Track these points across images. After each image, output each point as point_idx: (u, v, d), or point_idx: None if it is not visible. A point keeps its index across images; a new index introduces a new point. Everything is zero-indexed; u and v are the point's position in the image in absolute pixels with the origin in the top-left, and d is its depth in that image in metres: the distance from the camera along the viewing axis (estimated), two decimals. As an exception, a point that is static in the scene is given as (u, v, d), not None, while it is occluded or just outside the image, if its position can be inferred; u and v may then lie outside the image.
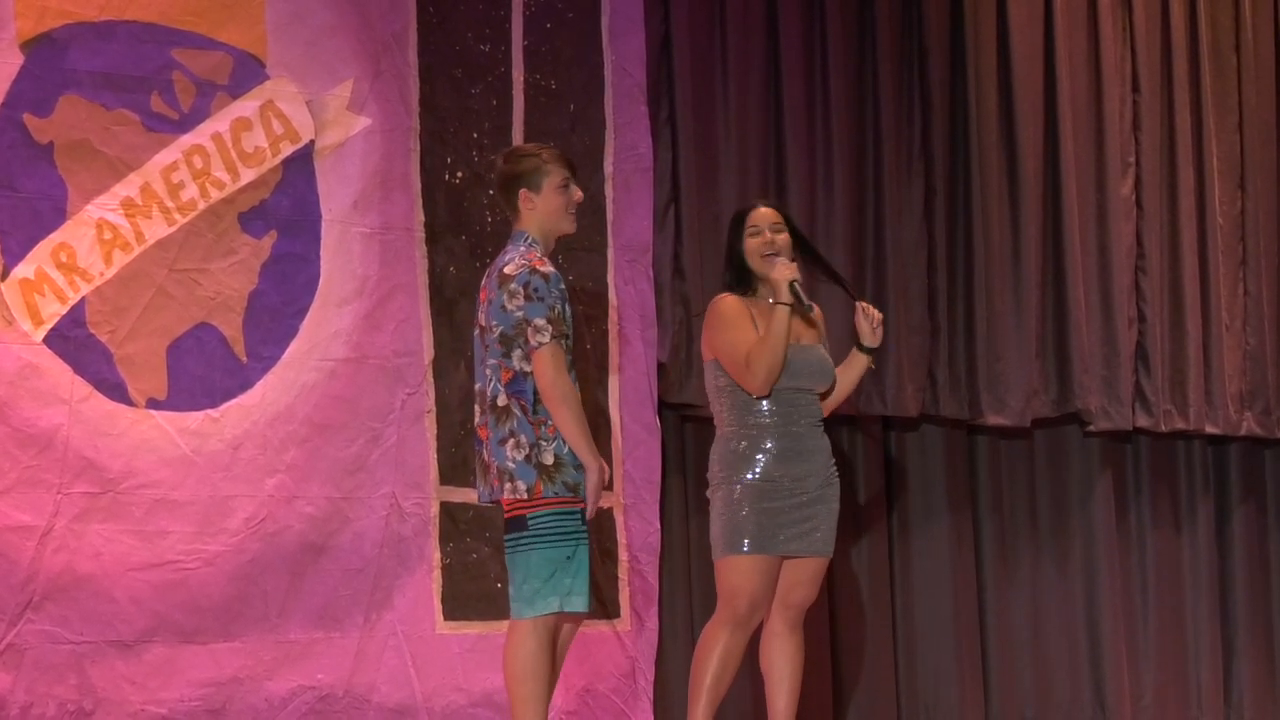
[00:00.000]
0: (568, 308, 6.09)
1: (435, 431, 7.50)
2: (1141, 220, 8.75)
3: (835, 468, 6.56)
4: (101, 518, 6.93)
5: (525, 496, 5.99)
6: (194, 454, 7.10)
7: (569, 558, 5.99)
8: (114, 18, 7.15)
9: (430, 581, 7.44)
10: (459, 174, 7.64)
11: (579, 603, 6.01)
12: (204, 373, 7.16)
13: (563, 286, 6.07)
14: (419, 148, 7.59)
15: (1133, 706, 8.69)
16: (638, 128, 7.94)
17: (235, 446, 7.16)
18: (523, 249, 6.15)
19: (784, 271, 6.40)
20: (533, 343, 5.98)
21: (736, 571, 6.40)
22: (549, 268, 6.07)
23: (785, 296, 6.36)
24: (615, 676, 7.68)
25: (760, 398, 6.41)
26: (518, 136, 7.75)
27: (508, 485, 6.03)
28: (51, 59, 7.05)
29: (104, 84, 7.12)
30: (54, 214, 7.00)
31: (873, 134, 8.34)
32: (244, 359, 7.23)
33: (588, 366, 7.76)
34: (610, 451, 7.75)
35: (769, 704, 6.56)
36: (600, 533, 7.63)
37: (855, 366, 6.70)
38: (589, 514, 6.05)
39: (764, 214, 6.60)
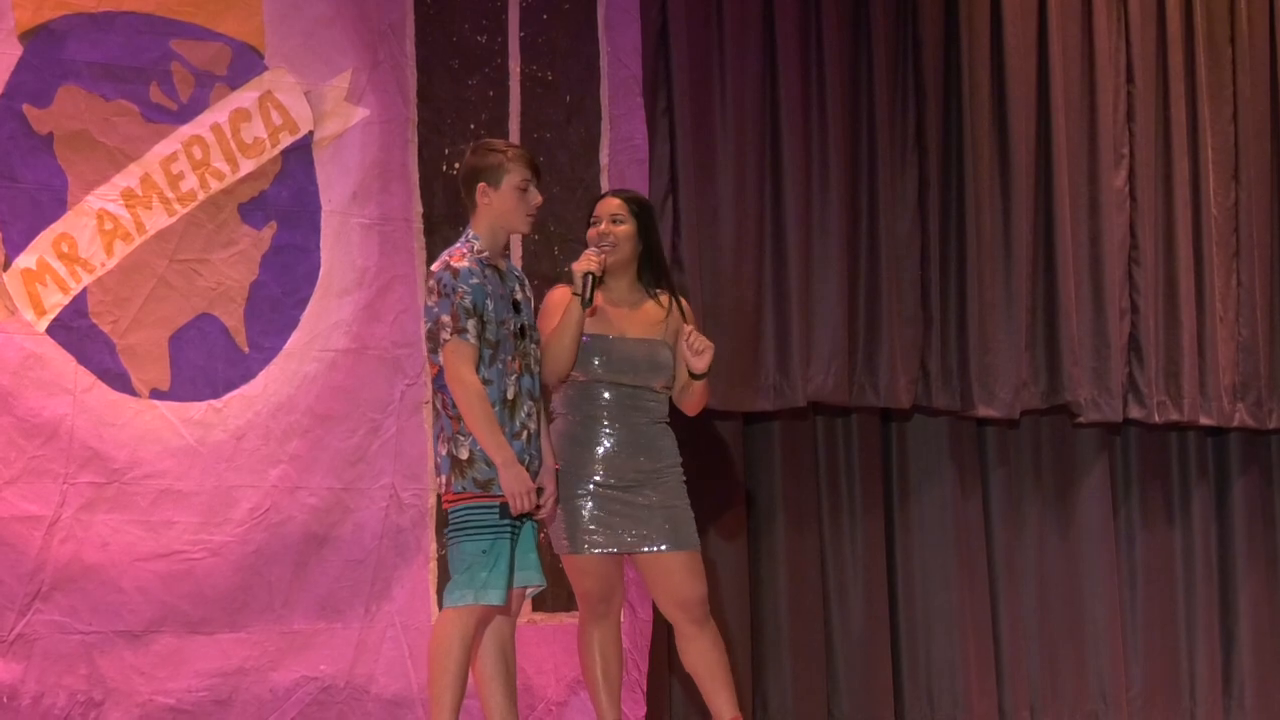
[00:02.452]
0: (491, 303, 6.06)
1: (433, 422, 7.49)
2: (1135, 212, 8.73)
3: (672, 465, 6.48)
4: (108, 508, 6.95)
5: (444, 490, 6.09)
6: (198, 444, 7.11)
7: (484, 551, 6.01)
8: (112, 8, 7.14)
9: (426, 573, 7.43)
10: (456, 165, 7.61)
11: (494, 596, 6.00)
12: (206, 363, 7.17)
13: (475, 282, 6.04)
14: (416, 139, 7.59)
15: (1127, 697, 8.72)
16: (633, 119, 7.94)
17: (239, 437, 7.17)
18: (458, 245, 6.21)
19: (581, 263, 6.35)
20: (440, 339, 6.04)
21: (571, 569, 6.46)
22: (463, 262, 6.07)
23: (578, 287, 6.33)
24: (609, 667, 7.69)
25: (603, 388, 6.40)
26: (515, 127, 7.76)
27: (438, 480, 6.15)
28: (50, 50, 7.05)
29: (103, 75, 7.11)
30: (54, 204, 7.00)
31: (867, 126, 8.34)
32: (246, 349, 7.23)
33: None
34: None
35: (708, 702, 6.54)
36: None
37: (688, 387, 6.54)
38: (513, 510, 6.02)
39: (606, 204, 6.56)
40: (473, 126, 7.68)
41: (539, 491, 6.15)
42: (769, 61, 8.19)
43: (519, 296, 6.23)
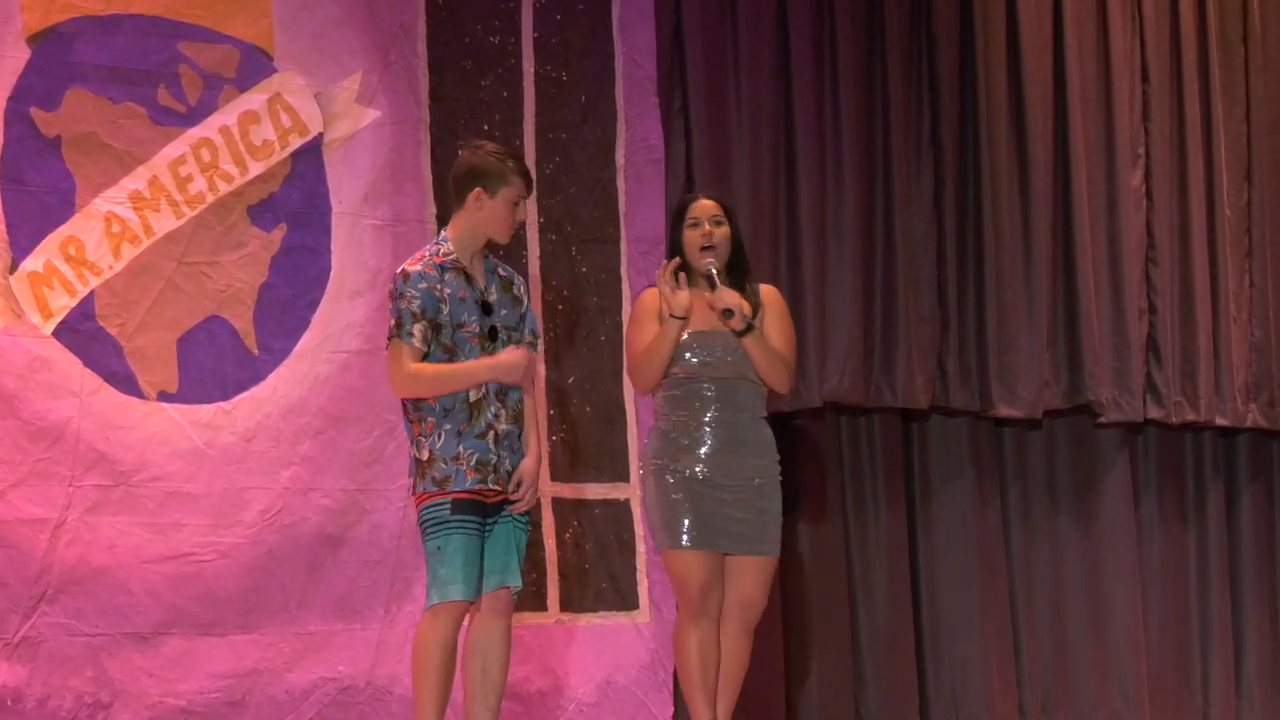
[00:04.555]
0: (446, 306, 5.97)
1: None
2: (1151, 211, 8.71)
3: (772, 462, 6.48)
4: (114, 510, 6.91)
5: (412, 492, 6.09)
6: (206, 446, 7.08)
7: (439, 548, 5.98)
8: (120, 11, 7.13)
9: (447, 574, 7.40)
10: (468, 166, 7.60)
11: (455, 591, 5.96)
12: (215, 365, 7.14)
13: (423, 286, 5.95)
14: (429, 140, 7.56)
15: (1150, 696, 8.66)
16: (648, 119, 7.93)
17: (248, 439, 7.14)
18: (426, 248, 6.16)
19: (704, 263, 6.38)
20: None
21: (672, 564, 6.38)
22: (416, 267, 6.01)
23: (703, 285, 6.34)
24: (635, 668, 7.65)
25: (703, 386, 6.35)
26: (529, 128, 7.74)
27: (409, 482, 6.12)
28: (58, 53, 7.03)
29: (111, 77, 7.10)
30: (62, 207, 6.98)
31: (882, 124, 8.31)
32: (255, 351, 7.20)
33: (602, 359, 7.77)
34: (626, 442, 7.77)
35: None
36: (618, 524, 7.63)
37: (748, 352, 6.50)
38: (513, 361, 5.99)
39: (704, 206, 6.50)
40: (486, 128, 7.64)
41: (517, 485, 6.08)
42: (783, 60, 8.16)
43: (492, 298, 6.12)
